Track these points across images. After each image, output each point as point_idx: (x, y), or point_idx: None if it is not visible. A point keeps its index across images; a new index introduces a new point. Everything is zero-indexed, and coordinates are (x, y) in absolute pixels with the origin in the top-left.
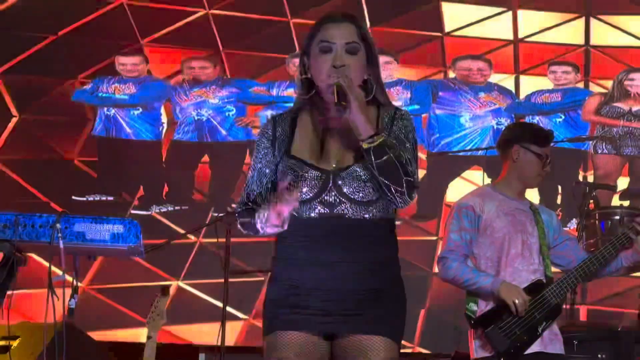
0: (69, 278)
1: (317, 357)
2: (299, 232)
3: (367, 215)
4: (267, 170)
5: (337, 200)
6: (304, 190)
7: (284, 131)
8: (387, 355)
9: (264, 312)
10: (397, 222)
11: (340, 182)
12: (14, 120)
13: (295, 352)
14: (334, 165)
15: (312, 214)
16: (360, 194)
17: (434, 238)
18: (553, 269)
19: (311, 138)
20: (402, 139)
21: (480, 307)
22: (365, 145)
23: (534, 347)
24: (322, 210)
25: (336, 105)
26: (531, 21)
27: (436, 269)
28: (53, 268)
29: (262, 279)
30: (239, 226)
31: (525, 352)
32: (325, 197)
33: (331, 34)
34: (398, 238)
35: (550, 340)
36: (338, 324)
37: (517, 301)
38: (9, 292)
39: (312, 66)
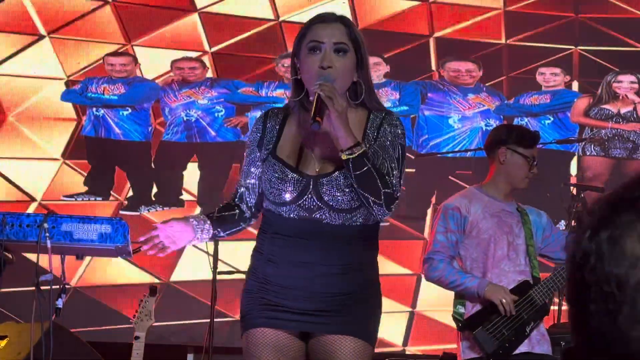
0: (56, 277)
1: (292, 356)
2: (279, 230)
3: (346, 223)
4: (252, 168)
5: (316, 205)
6: (283, 192)
7: (273, 129)
8: (357, 356)
9: (241, 302)
10: (385, 224)
11: (320, 188)
12: (3, 120)
13: (272, 350)
14: (316, 171)
15: (292, 215)
16: (340, 202)
17: (422, 239)
18: (542, 270)
19: (297, 140)
20: (387, 147)
21: (467, 309)
22: (344, 157)
23: (522, 348)
24: (301, 214)
25: (311, 120)
26: (520, 23)
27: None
28: (40, 267)
29: None
30: None
31: (513, 353)
32: (305, 202)
33: (320, 33)
34: (386, 239)
35: (537, 340)
36: (312, 324)
37: (504, 300)
38: None
39: (301, 67)
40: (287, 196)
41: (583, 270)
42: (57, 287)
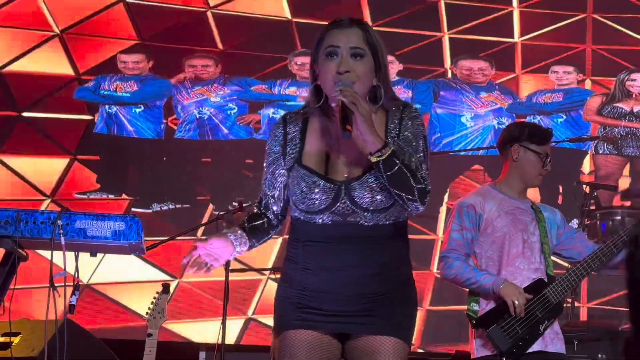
0: (70, 274)
1: (329, 356)
2: (313, 237)
3: (379, 222)
4: (277, 176)
5: (350, 210)
6: (316, 200)
7: (295, 135)
8: (396, 356)
9: (274, 310)
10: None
11: (352, 192)
12: (16, 117)
13: (306, 351)
14: (345, 175)
15: (326, 221)
16: (373, 203)
17: (434, 237)
18: (556, 268)
19: (322, 146)
20: (411, 140)
21: (482, 307)
22: (374, 159)
23: (535, 346)
24: (335, 219)
25: (341, 128)
26: (533, 21)
27: (436, 268)
28: (54, 264)
29: (263, 277)
30: None
31: (527, 351)
32: (339, 208)
33: (337, 38)
34: None
35: (551, 339)
36: (349, 325)
37: (516, 302)
38: (10, 288)
39: (320, 72)
40: (320, 205)
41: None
42: (71, 284)
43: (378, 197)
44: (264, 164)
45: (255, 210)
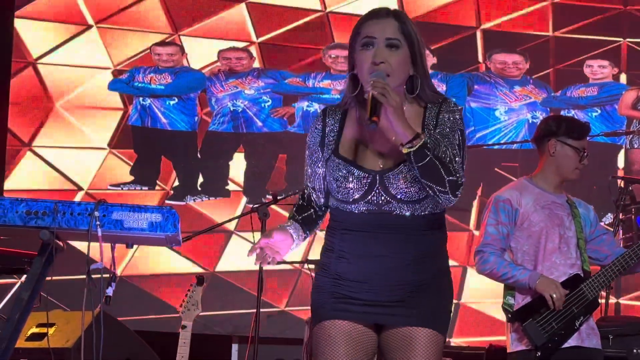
0: (106, 266)
1: (365, 347)
2: (349, 226)
3: (415, 213)
4: (317, 169)
5: (384, 200)
6: (351, 190)
7: (333, 127)
8: (431, 347)
9: (311, 300)
10: None
11: (387, 182)
12: (51, 109)
13: (346, 341)
14: (380, 165)
15: (362, 210)
16: (408, 194)
17: (468, 231)
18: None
19: (358, 136)
20: (447, 133)
21: (517, 301)
22: (405, 150)
23: (571, 342)
24: (370, 208)
25: (368, 120)
26: (568, 15)
27: (469, 262)
28: (90, 255)
29: (297, 270)
30: None
31: (562, 346)
32: (373, 198)
33: (372, 29)
34: None
35: (587, 334)
36: (384, 316)
37: (554, 295)
38: (47, 279)
39: (356, 62)
40: (355, 194)
41: None
42: (107, 275)
43: (412, 188)
44: (306, 155)
45: (300, 202)
